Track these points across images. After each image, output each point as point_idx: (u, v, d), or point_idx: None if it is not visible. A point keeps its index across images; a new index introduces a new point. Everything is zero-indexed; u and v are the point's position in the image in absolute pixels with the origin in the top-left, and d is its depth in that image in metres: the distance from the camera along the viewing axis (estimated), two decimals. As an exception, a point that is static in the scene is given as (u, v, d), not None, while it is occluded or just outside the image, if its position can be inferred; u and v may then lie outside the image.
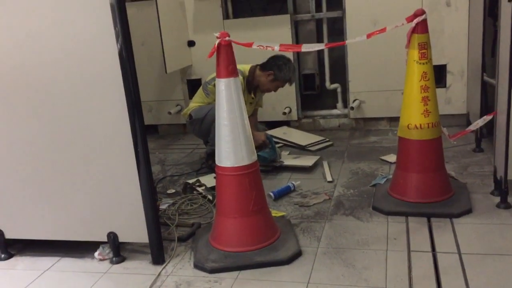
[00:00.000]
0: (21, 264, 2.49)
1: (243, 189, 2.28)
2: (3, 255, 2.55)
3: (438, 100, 2.65)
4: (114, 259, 2.41)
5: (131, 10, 4.37)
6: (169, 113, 4.62)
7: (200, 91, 3.61)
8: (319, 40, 4.47)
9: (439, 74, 4.06)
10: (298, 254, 2.30)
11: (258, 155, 2.37)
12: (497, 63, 2.69)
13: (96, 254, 2.44)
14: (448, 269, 2.11)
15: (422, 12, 2.48)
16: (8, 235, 2.52)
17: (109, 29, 2.07)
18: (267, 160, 3.44)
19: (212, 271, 2.23)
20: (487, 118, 2.83)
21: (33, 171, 2.38)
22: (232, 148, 2.25)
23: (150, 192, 2.28)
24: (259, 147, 3.41)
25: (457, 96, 4.11)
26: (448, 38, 4.00)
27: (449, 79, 4.10)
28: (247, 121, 2.29)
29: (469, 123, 3.71)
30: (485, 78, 3.40)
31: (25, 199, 2.43)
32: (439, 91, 4.00)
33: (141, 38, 4.43)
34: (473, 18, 3.76)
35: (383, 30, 2.47)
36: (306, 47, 2.46)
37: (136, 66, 2.17)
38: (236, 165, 2.26)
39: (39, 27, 2.18)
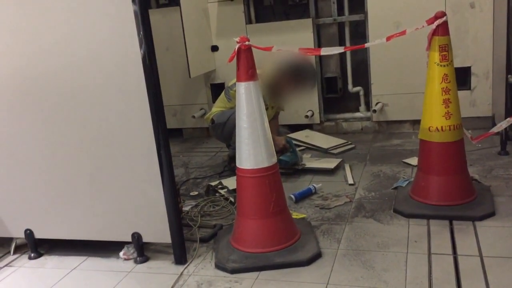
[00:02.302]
0: (50, 263, 2.58)
1: (263, 191, 2.32)
2: (33, 254, 2.64)
3: (462, 102, 2.63)
4: (138, 258, 2.47)
5: (156, 16, 4.48)
6: (193, 117, 4.70)
7: (222, 96, 3.67)
8: (341, 43, 4.48)
9: (464, 76, 4.02)
10: (317, 256, 2.32)
11: (279, 159, 2.41)
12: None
13: (121, 253, 2.52)
14: (469, 272, 2.09)
15: (443, 14, 2.48)
16: (38, 235, 2.62)
17: (132, 36, 2.14)
18: (289, 163, 3.47)
19: (233, 271, 2.27)
20: (511, 120, 2.79)
21: (60, 174, 2.47)
22: (252, 150, 2.29)
23: (173, 194, 2.34)
24: (280, 151, 3.45)
25: (482, 98, 4.05)
26: (473, 40, 3.95)
27: (473, 81, 4.04)
28: (266, 124, 2.33)
29: (494, 125, 3.65)
30: (510, 79, 3.35)
31: (54, 201, 2.52)
32: (464, 93, 3.98)
33: (166, 43, 4.53)
34: (498, 19, 3.71)
35: (403, 32, 2.47)
36: (325, 51, 2.49)
37: (161, 71, 2.24)
38: (256, 167, 2.30)
39: (65, 35, 2.27)
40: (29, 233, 2.61)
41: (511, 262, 2.14)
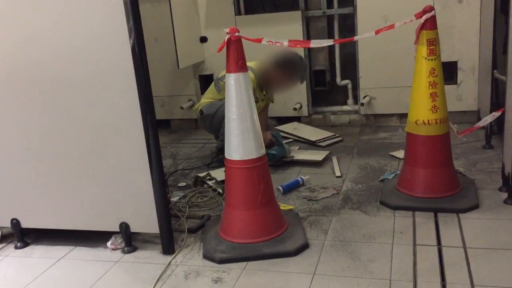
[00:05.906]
0: (37, 253, 2.57)
1: (251, 182, 2.33)
2: (19, 244, 2.63)
3: (449, 97, 2.66)
4: (126, 248, 2.47)
5: (145, 6, 4.44)
6: (182, 108, 4.69)
7: (211, 87, 3.66)
8: (330, 36, 4.49)
9: (450, 71, 4.06)
10: (305, 246, 2.35)
11: (267, 153, 2.43)
12: (507, 60, 2.69)
13: (108, 243, 2.51)
14: (452, 263, 2.13)
15: (431, 9, 2.50)
16: (24, 224, 2.61)
17: (122, 25, 2.13)
18: (277, 156, 3.48)
19: (221, 261, 2.29)
20: (496, 114, 2.84)
21: (47, 163, 2.45)
22: (240, 141, 2.30)
23: (161, 184, 2.34)
24: (266, 146, 3.45)
25: (468, 93, 4.10)
26: (460, 35, 3.99)
27: (460, 75, 4.09)
28: (256, 115, 2.34)
29: (480, 120, 3.70)
30: (496, 75, 3.39)
31: (41, 190, 2.51)
32: (450, 87, 4.03)
33: (154, 34, 4.50)
34: (485, 14, 3.75)
35: (391, 26, 2.49)
36: (314, 43, 2.50)
37: (149, 61, 2.23)
38: (244, 158, 2.31)
39: (54, 24, 2.24)
40: (15, 223, 2.59)
41: (493, 253, 2.18)
